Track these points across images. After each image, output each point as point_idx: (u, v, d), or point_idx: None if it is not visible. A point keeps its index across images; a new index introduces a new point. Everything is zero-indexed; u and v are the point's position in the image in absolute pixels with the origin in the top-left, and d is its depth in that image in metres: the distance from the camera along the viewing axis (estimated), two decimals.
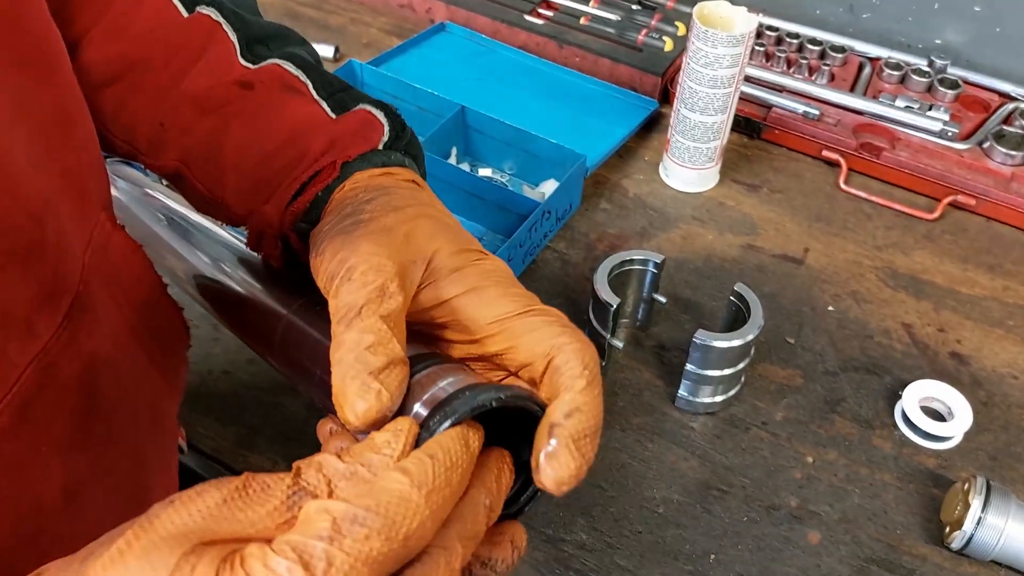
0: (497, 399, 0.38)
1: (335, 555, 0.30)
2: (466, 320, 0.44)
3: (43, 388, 0.46)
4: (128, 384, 0.55)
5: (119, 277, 0.55)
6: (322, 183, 0.52)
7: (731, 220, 1.06)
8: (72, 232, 0.49)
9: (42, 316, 0.45)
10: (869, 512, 0.79)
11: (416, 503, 0.33)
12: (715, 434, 0.84)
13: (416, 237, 0.45)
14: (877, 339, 0.93)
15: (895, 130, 1.13)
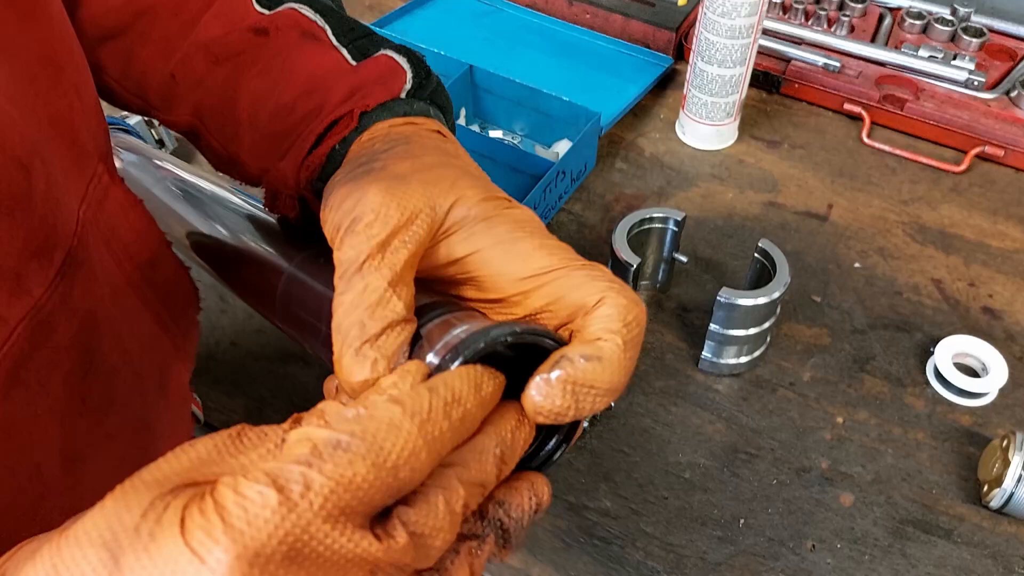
0: (512, 333, 0.35)
1: (313, 478, 0.28)
2: (494, 276, 0.40)
3: (37, 348, 0.43)
4: (131, 346, 0.53)
5: (118, 232, 0.53)
6: (339, 135, 0.48)
7: (751, 177, 1.03)
8: (65, 184, 0.46)
9: (32, 270, 0.43)
10: (903, 472, 0.76)
11: (407, 430, 0.30)
12: (741, 396, 0.81)
13: (434, 185, 0.41)
14: (906, 295, 0.90)
15: (919, 81, 1.09)
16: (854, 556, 0.71)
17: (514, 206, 0.42)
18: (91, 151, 0.51)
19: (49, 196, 0.44)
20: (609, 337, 0.36)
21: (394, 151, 0.44)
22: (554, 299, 0.39)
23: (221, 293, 0.89)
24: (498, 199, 0.42)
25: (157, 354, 0.56)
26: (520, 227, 0.41)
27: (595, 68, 1.15)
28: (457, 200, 0.41)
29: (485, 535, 0.34)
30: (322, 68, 0.51)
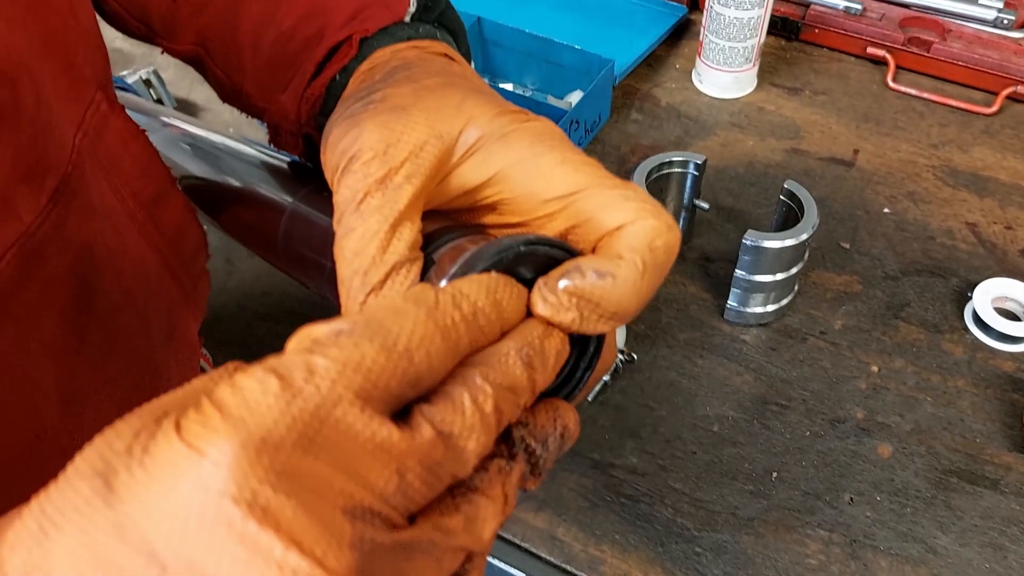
0: (525, 242, 0.32)
1: (317, 362, 0.24)
2: (516, 198, 0.36)
3: (28, 278, 0.41)
4: (135, 287, 0.50)
5: (119, 165, 0.50)
6: (338, 64, 0.45)
7: (772, 124, 0.99)
8: (59, 107, 0.43)
9: (21, 194, 0.40)
10: (944, 421, 0.72)
11: (414, 314, 0.27)
12: (769, 346, 0.77)
13: (438, 111, 0.37)
14: (939, 240, 0.86)
15: (945, 22, 1.05)
16: (895, 508, 0.67)
17: (532, 118, 0.38)
18: (88, 76, 0.47)
19: (39, 117, 0.41)
20: (629, 256, 0.33)
21: (395, 78, 0.41)
22: (581, 221, 0.35)
23: (227, 256, 0.86)
24: (513, 112, 0.38)
25: (163, 299, 0.53)
26: (541, 141, 0.36)
27: (606, 21, 1.11)
28: (467, 122, 0.37)
29: (513, 455, 0.30)
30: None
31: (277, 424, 0.23)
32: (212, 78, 0.53)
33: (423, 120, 0.37)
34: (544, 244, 0.32)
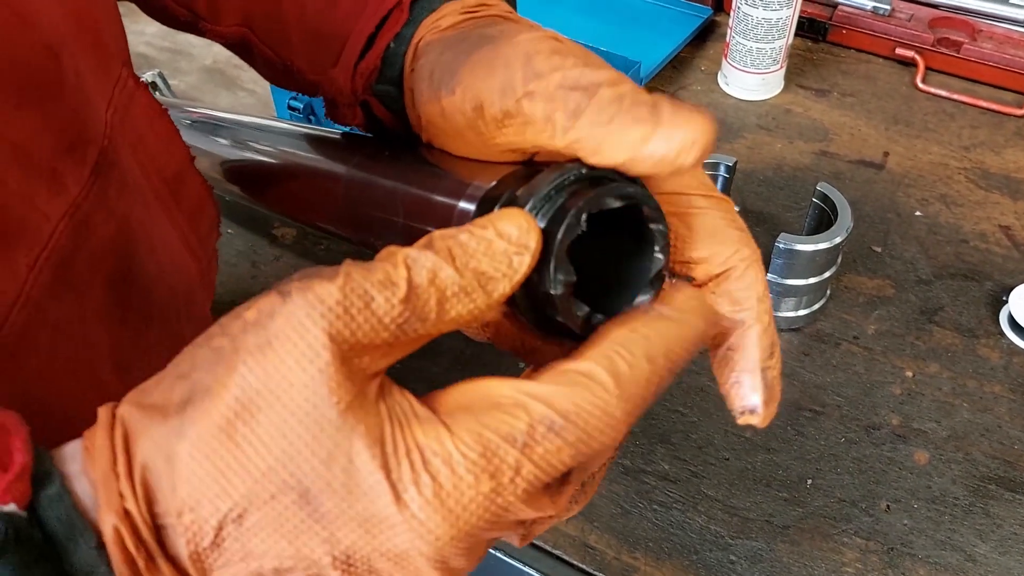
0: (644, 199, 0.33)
1: (524, 465, 0.28)
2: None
3: (79, 248, 0.42)
4: (163, 260, 0.50)
5: (145, 141, 0.50)
6: (390, 32, 0.45)
7: (800, 127, 0.98)
8: (92, 83, 0.44)
9: (67, 166, 0.41)
10: (981, 427, 0.71)
11: (617, 420, 0.29)
12: (802, 351, 0.76)
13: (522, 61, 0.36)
14: (973, 243, 0.85)
15: (975, 22, 1.03)
16: (933, 516, 0.66)
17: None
18: (114, 52, 0.48)
19: (79, 89, 0.42)
20: (763, 317, 0.39)
21: (491, 32, 0.39)
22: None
23: (253, 259, 0.86)
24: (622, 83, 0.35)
25: (184, 273, 0.54)
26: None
27: (630, 23, 1.10)
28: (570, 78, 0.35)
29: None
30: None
31: (480, 520, 0.28)
32: (260, 58, 0.53)
33: (518, 63, 0.36)
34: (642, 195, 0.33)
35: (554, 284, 0.32)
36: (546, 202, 0.32)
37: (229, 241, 0.87)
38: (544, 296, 0.32)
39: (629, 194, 0.32)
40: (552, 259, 0.32)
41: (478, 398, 0.29)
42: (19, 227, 0.38)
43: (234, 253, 0.86)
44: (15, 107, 0.38)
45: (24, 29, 0.38)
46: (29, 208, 0.39)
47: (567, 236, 0.32)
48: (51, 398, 0.41)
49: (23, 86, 0.38)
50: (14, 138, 0.38)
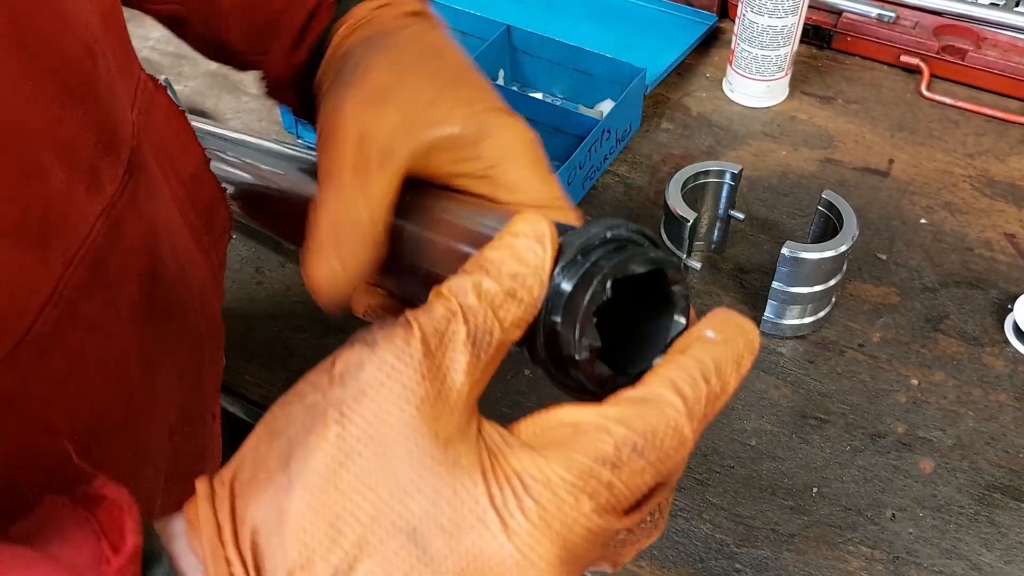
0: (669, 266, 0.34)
1: (615, 485, 0.29)
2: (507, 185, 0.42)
3: (113, 246, 0.42)
4: (182, 259, 0.51)
5: (164, 143, 0.51)
6: (319, 27, 0.50)
7: (805, 134, 0.98)
8: (120, 83, 0.45)
9: (105, 165, 0.42)
10: (986, 436, 0.71)
11: (687, 439, 0.30)
12: (807, 359, 0.76)
13: (416, 104, 0.41)
14: (978, 251, 0.85)
15: (980, 30, 1.03)
16: (938, 525, 0.66)
17: (502, 118, 0.42)
18: (134, 55, 0.49)
19: (112, 88, 0.43)
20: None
21: (373, 50, 0.45)
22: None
23: (258, 266, 0.86)
24: (486, 112, 0.42)
25: (198, 274, 0.55)
26: (511, 148, 0.42)
27: (635, 29, 1.10)
28: (439, 121, 0.41)
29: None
30: None
31: (583, 540, 0.29)
32: (194, 34, 0.56)
33: (397, 115, 0.41)
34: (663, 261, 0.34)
35: (579, 349, 0.32)
36: (572, 265, 0.33)
37: (233, 247, 0.87)
38: (568, 359, 0.33)
39: (653, 259, 0.33)
40: (577, 324, 0.32)
41: (558, 424, 0.30)
42: (59, 225, 0.39)
43: (238, 260, 0.86)
44: (61, 106, 0.38)
45: (65, 28, 0.39)
46: (69, 207, 0.39)
47: (592, 303, 0.32)
48: (81, 396, 0.41)
49: (68, 83, 0.39)
50: (60, 136, 0.38)
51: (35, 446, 0.38)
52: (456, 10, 1.03)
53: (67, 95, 0.39)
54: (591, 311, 0.32)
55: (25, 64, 0.36)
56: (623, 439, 0.29)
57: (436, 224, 0.41)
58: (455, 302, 0.30)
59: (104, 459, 0.42)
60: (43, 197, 0.37)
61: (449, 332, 0.30)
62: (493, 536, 0.28)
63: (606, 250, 0.34)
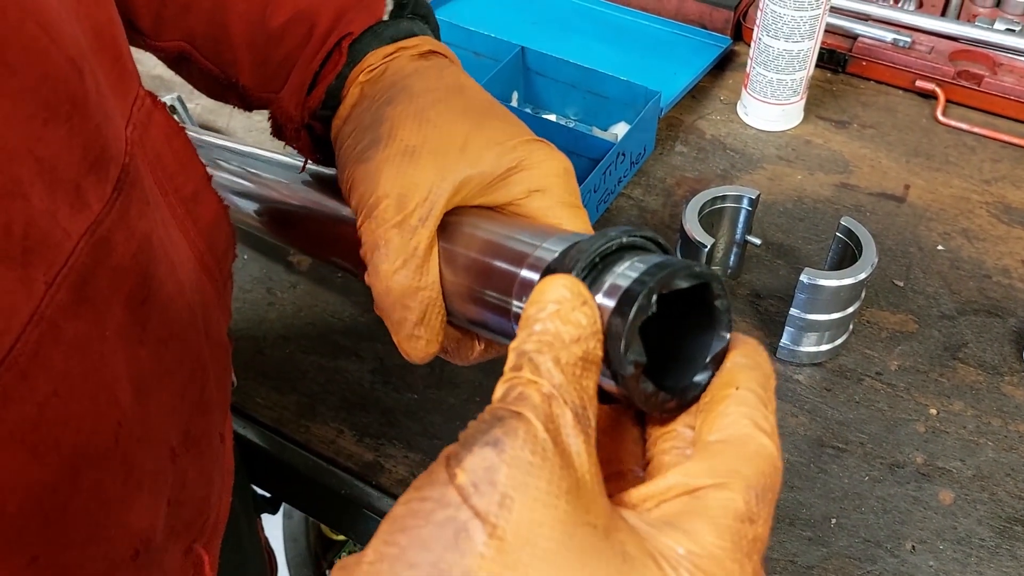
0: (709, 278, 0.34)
1: (760, 536, 0.30)
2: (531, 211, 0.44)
3: (99, 265, 0.42)
4: (182, 279, 0.51)
5: (162, 160, 0.51)
6: (332, 71, 0.51)
7: (820, 158, 0.97)
8: (112, 100, 0.45)
9: (90, 183, 0.41)
10: (1007, 467, 0.70)
11: (780, 469, 0.31)
12: (824, 387, 0.75)
13: (448, 152, 0.43)
14: (996, 278, 0.84)
15: (996, 55, 1.03)
16: (959, 558, 0.65)
17: (534, 151, 0.44)
18: (132, 71, 0.49)
19: (101, 105, 0.42)
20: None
21: (397, 103, 0.46)
22: None
23: (268, 286, 0.85)
24: (516, 144, 0.44)
25: (201, 295, 0.54)
26: (544, 179, 0.44)
27: (649, 52, 1.10)
28: (474, 163, 0.43)
29: None
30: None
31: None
32: (200, 72, 0.57)
33: (431, 165, 0.43)
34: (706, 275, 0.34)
35: (625, 365, 0.32)
36: (591, 269, 0.35)
37: (245, 267, 0.87)
38: (613, 375, 0.32)
39: (698, 274, 0.33)
40: (623, 340, 0.32)
41: (674, 494, 0.30)
42: (40, 243, 0.38)
43: (249, 279, 0.86)
44: (43, 123, 0.38)
45: (50, 43, 0.38)
46: (51, 225, 0.39)
47: (638, 318, 0.32)
48: (67, 419, 0.40)
49: (51, 101, 0.38)
50: (41, 154, 0.38)
51: (19, 471, 0.37)
52: (470, 31, 1.03)
53: (50, 112, 0.38)
54: (636, 326, 0.32)
55: (2, 81, 0.35)
56: (746, 491, 0.29)
57: (471, 242, 0.43)
58: (547, 384, 0.29)
59: (93, 484, 0.41)
60: (24, 215, 0.37)
61: (555, 416, 0.29)
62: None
63: (622, 253, 0.35)
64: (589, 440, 0.29)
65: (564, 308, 0.31)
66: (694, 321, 0.35)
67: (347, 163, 0.46)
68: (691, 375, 0.34)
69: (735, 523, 0.29)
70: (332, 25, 0.51)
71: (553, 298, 0.31)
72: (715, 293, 0.34)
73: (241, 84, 0.55)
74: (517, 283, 0.39)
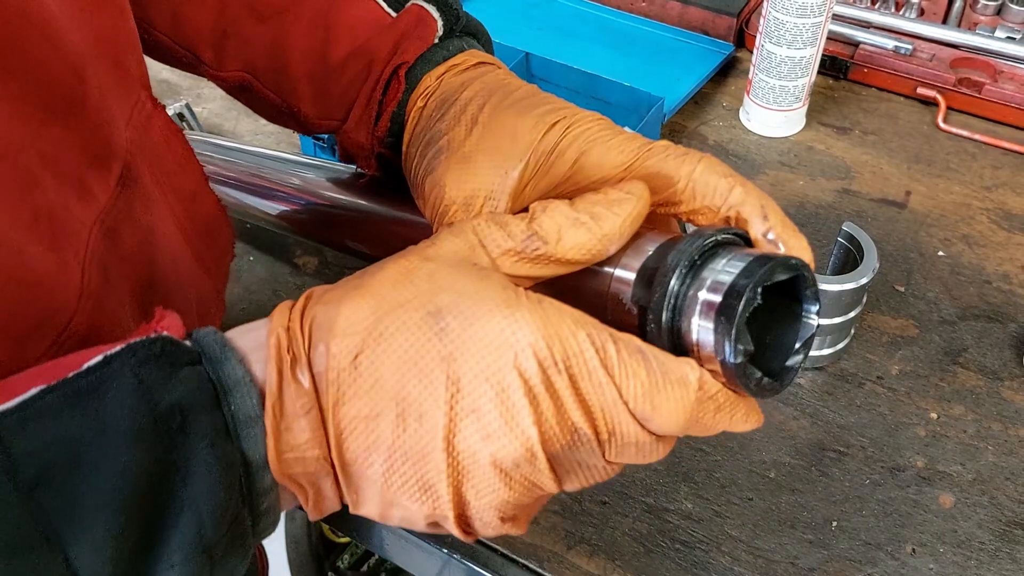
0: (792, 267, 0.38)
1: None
2: (594, 180, 0.46)
3: (110, 253, 0.44)
4: (184, 273, 0.53)
5: (162, 161, 0.53)
6: (394, 99, 0.54)
7: (822, 164, 0.98)
8: (113, 102, 0.47)
9: (94, 176, 0.44)
10: (1007, 471, 0.70)
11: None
12: (825, 391, 0.76)
13: (500, 149, 0.46)
14: (996, 284, 0.84)
15: (996, 63, 1.04)
16: (959, 561, 0.65)
17: (569, 123, 0.46)
18: (134, 76, 0.51)
19: (102, 107, 0.45)
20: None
21: (450, 117, 0.49)
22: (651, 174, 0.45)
23: (274, 288, 0.86)
24: (557, 121, 0.46)
25: (198, 290, 0.56)
26: (581, 137, 0.46)
27: (652, 58, 1.10)
28: (527, 150, 0.46)
29: None
30: (364, 23, 0.56)
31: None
32: (261, 100, 0.60)
33: (488, 165, 0.46)
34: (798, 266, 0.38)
35: (735, 353, 0.35)
36: (690, 267, 0.38)
37: (251, 268, 0.87)
38: (722, 363, 0.36)
39: (793, 266, 0.37)
40: (733, 330, 0.35)
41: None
42: (63, 230, 0.41)
43: (255, 281, 0.86)
44: (41, 122, 0.40)
45: (52, 51, 0.41)
46: (66, 214, 0.41)
47: (746, 308, 0.35)
48: None
49: (50, 103, 0.41)
50: (44, 149, 0.40)
51: None
52: None
53: (47, 113, 0.40)
54: (744, 317, 0.35)
55: (3, 85, 0.38)
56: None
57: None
58: (531, 211, 0.40)
59: None
60: (45, 202, 0.40)
61: (509, 225, 0.39)
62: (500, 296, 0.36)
63: (716, 250, 0.39)
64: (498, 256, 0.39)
65: (611, 194, 0.40)
66: (782, 305, 0.38)
67: (417, 179, 0.49)
68: (783, 359, 0.38)
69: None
70: (388, 56, 0.54)
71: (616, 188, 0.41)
72: (808, 282, 0.37)
73: (303, 113, 0.58)
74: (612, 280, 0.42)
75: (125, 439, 0.33)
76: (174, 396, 0.34)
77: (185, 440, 0.34)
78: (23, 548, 0.31)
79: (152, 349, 0.35)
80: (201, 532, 0.34)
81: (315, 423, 0.36)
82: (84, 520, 0.32)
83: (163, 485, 0.34)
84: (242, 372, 0.36)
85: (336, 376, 0.36)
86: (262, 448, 0.36)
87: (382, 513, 0.38)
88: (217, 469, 0.35)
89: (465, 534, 0.38)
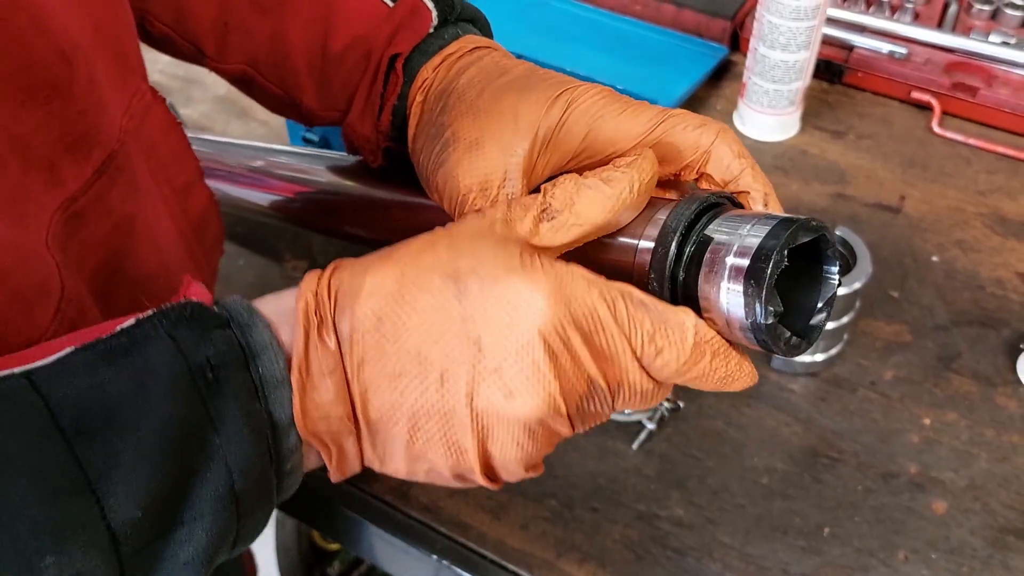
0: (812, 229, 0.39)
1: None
2: (608, 153, 0.46)
3: (70, 237, 0.45)
4: (169, 261, 0.54)
5: (158, 151, 0.54)
6: (394, 93, 0.55)
7: (817, 169, 0.97)
8: (109, 91, 0.48)
9: (69, 162, 0.45)
10: (999, 478, 0.70)
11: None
12: (818, 396, 0.76)
13: (503, 131, 0.46)
14: (990, 290, 0.84)
15: (991, 68, 1.03)
16: (951, 568, 0.65)
17: (577, 94, 0.46)
18: (134, 66, 0.52)
19: (92, 93, 0.45)
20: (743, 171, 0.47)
21: (451, 107, 0.50)
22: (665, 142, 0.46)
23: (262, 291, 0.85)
24: (559, 96, 0.46)
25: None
26: (595, 106, 0.46)
27: (646, 60, 1.10)
28: (532, 128, 0.46)
29: None
30: (362, 14, 0.56)
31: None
32: (262, 91, 0.61)
33: (496, 148, 0.46)
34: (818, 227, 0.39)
35: (765, 314, 0.36)
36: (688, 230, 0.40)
37: (240, 273, 0.87)
38: (752, 324, 0.37)
39: (816, 227, 0.38)
40: (764, 292, 0.36)
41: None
42: (23, 212, 0.42)
43: (245, 285, 0.86)
44: (20, 104, 0.41)
45: (38, 35, 0.41)
46: (27, 197, 0.42)
47: (775, 271, 0.36)
48: None
49: (31, 86, 0.41)
50: (16, 132, 0.41)
51: None
52: None
53: (27, 95, 0.41)
54: (774, 279, 0.36)
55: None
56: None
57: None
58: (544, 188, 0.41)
59: None
60: (5, 184, 0.41)
61: (523, 199, 0.40)
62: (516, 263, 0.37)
63: (715, 210, 0.41)
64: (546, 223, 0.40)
65: (619, 161, 0.43)
66: (803, 266, 0.40)
67: (428, 174, 0.49)
68: (806, 319, 0.39)
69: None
70: (384, 48, 0.55)
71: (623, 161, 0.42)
72: (829, 243, 0.38)
73: (304, 105, 0.59)
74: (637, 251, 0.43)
75: (163, 392, 0.35)
76: (207, 354, 0.36)
77: (219, 393, 0.36)
78: (64, 493, 0.33)
79: (183, 312, 0.36)
80: (231, 482, 0.36)
81: (340, 383, 0.38)
82: (122, 469, 0.33)
83: (197, 436, 0.35)
84: (269, 337, 0.37)
85: (361, 337, 0.38)
86: (288, 409, 0.38)
87: (409, 469, 0.40)
88: (247, 425, 0.36)
89: (491, 483, 0.40)
